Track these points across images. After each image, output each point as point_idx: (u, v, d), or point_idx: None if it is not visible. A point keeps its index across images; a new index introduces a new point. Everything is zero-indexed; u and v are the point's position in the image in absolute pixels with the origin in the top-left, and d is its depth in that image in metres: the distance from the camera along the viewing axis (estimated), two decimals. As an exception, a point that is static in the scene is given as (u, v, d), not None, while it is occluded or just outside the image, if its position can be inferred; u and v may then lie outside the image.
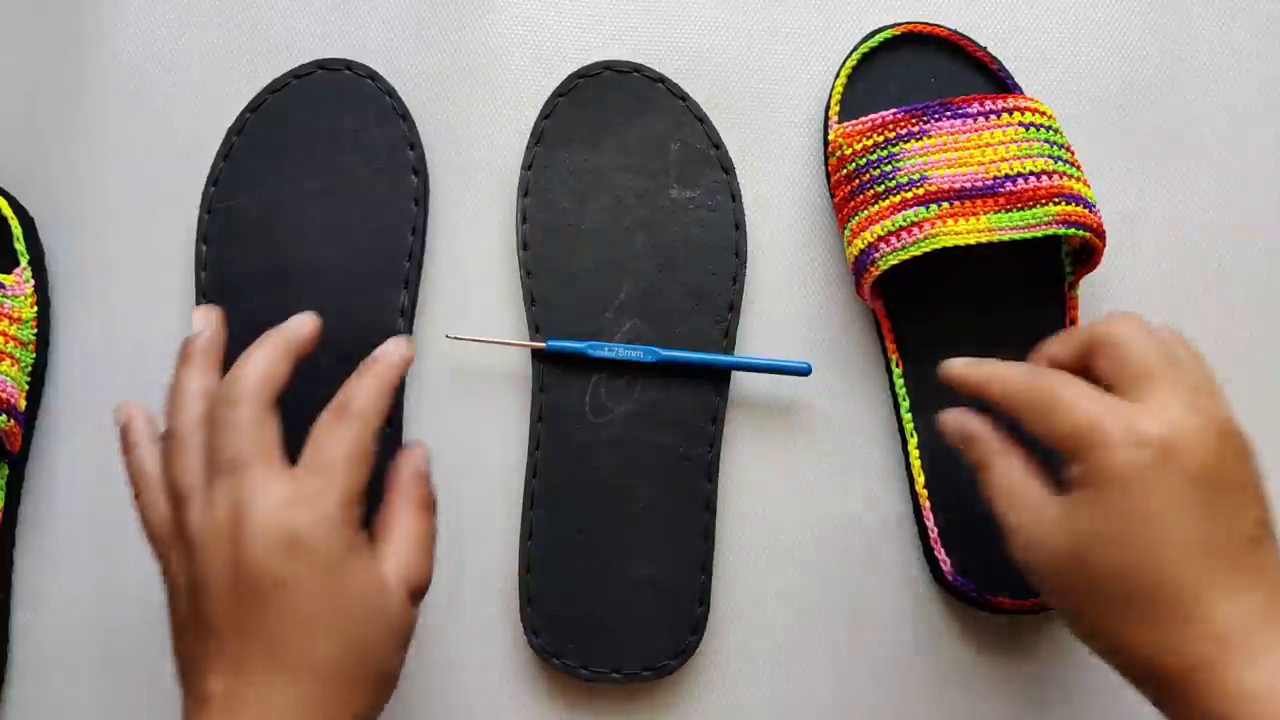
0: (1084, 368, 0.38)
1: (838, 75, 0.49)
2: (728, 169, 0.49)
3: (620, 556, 0.47)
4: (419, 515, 0.38)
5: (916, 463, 0.47)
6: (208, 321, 0.40)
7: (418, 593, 0.37)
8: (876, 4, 0.52)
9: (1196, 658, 0.33)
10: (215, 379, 0.38)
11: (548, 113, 0.50)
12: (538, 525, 0.47)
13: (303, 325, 0.40)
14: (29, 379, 0.48)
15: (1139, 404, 0.35)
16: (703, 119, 0.50)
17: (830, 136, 0.49)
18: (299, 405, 0.47)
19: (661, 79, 0.50)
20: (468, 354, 0.49)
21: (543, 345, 0.48)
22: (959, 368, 0.41)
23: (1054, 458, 0.37)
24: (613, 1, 0.52)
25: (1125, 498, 0.34)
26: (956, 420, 0.41)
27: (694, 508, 0.47)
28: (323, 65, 0.50)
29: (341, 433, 0.36)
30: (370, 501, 0.38)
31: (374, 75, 0.50)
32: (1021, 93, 0.49)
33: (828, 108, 0.49)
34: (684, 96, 0.50)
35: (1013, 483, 0.38)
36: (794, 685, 0.48)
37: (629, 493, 0.47)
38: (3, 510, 0.48)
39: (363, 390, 0.38)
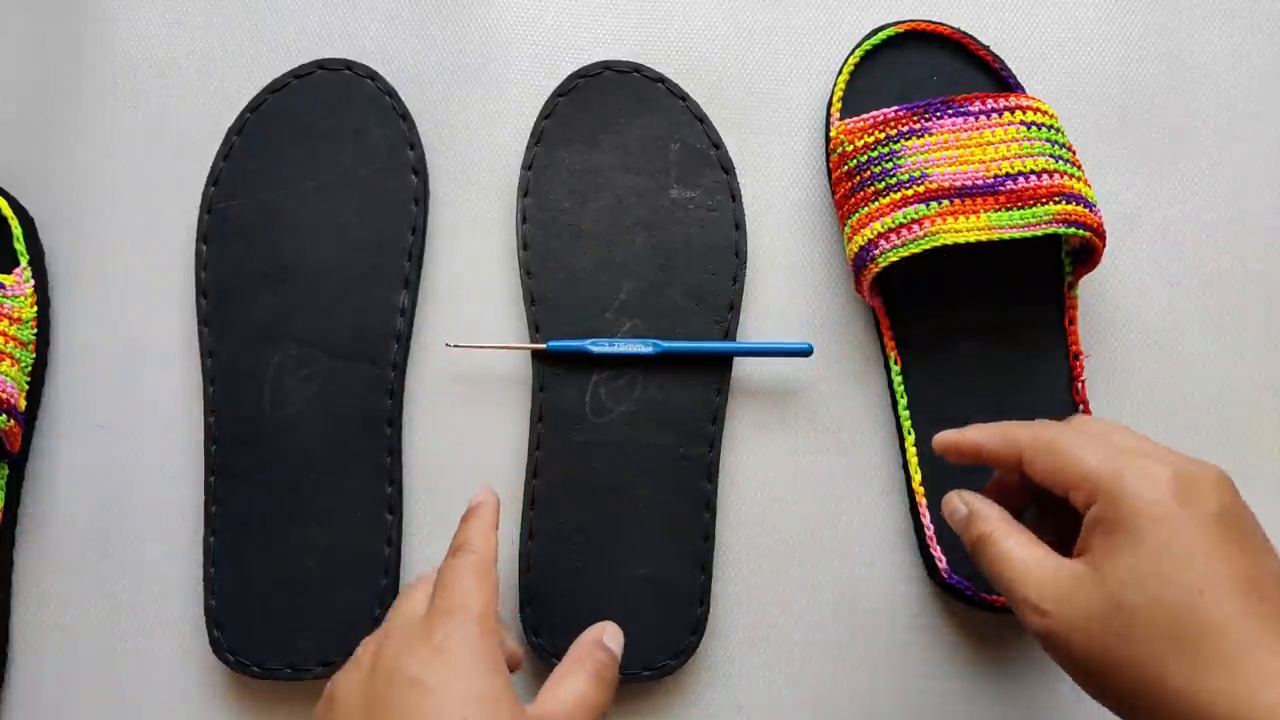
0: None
1: (840, 72, 0.49)
2: (728, 169, 0.49)
3: (620, 556, 0.47)
4: (589, 680, 0.37)
5: (914, 461, 0.47)
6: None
7: None
8: (877, 3, 0.52)
9: (1258, 705, 0.30)
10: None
11: (548, 113, 0.50)
12: (538, 525, 0.47)
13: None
14: (29, 379, 0.48)
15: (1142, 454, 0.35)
16: (703, 119, 0.50)
17: (832, 133, 0.49)
18: (297, 400, 0.48)
19: (661, 79, 0.50)
20: (468, 354, 0.49)
21: (543, 346, 0.47)
22: (949, 434, 0.40)
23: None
24: (613, 1, 0.52)
25: (1155, 534, 0.33)
26: (959, 498, 0.39)
27: (694, 508, 0.47)
28: (323, 65, 0.50)
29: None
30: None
31: (374, 75, 0.50)
32: (1023, 92, 0.49)
33: (829, 104, 0.49)
34: (684, 96, 0.50)
35: (1026, 554, 0.36)
36: (793, 684, 0.48)
37: (629, 493, 0.47)
38: (3, 510, 0.47)
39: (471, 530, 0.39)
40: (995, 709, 0.48)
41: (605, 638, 0.40)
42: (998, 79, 0.49)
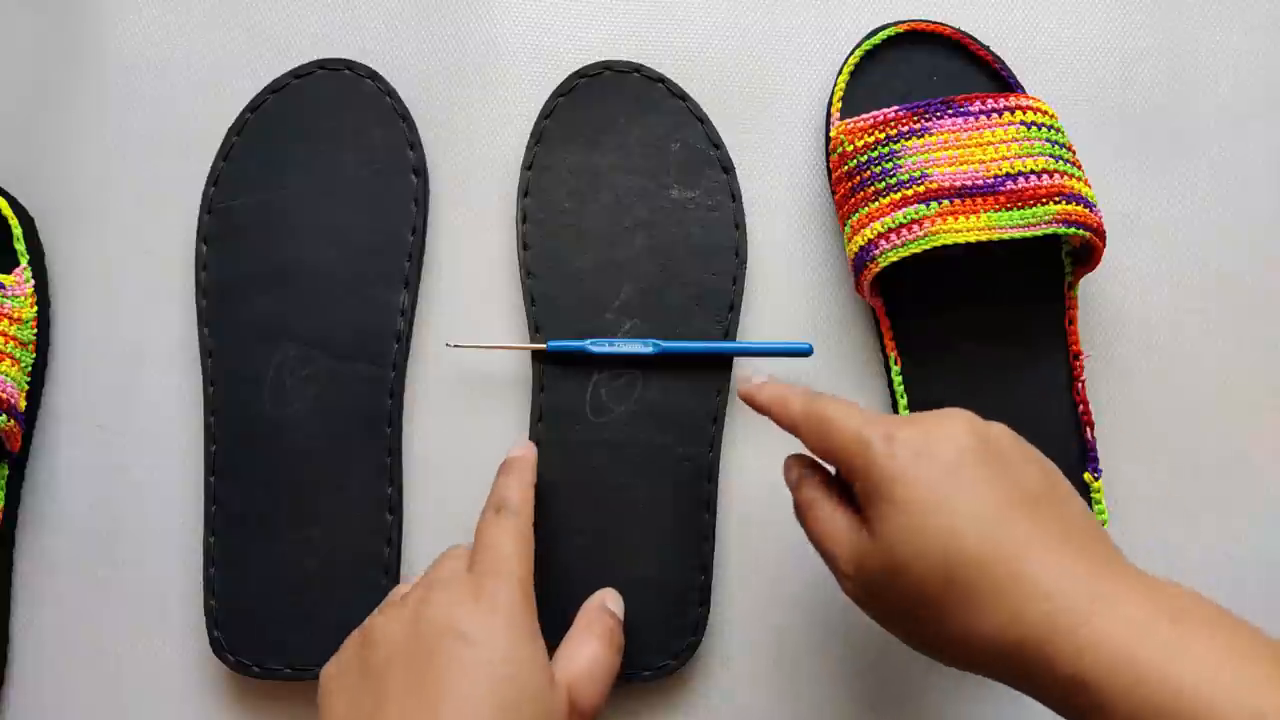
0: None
1: (840, 72, 0.49)
2: (728, 169, 0.49)
3: (620, 556, 0.47)
4: (600, 643, 0.41)
5: (917, 462, 0.47)
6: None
7: (582, 713, 0.39)
8: (877, 3, 0.52)
9: (1034, 623, 0.32)
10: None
11: (548, 113, 0.50)
12: (538, 525, 0.47)
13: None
14: (29, 379, 0.48)
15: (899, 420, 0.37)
16: (703, 119, 0.50)
17: (832, 133, 0.49)
18: (297, 400, 0.48)
19: (661, 79, 0.50)
20: (468, 355, 0.49)
21: (543, 347, 0.47)
22: (750, 386, 0.42)
23: None
24: (613, 1, 0.52)
25: (905, 493, 0.35)
26: (794, 461, 0.42)
27: (694, 508, 0.47)
28: (323, 65, 0.50)
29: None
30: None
31: (374, 75, 0.50)
32: (1023, 91, 0.49)
33: (829, 104, 0.49)
34: (684, 96, 0.50)
35: (837, 522, 0.38)
36: (794, 685, 0.48)
37: (629, 493, 0.47)
38: (3, 510, 0.48)
39: (509, 486, 0.43)
40: (995, 709, 0.48)
41: (608, 602, 0.43)
42: (998, 79, 0.49)
